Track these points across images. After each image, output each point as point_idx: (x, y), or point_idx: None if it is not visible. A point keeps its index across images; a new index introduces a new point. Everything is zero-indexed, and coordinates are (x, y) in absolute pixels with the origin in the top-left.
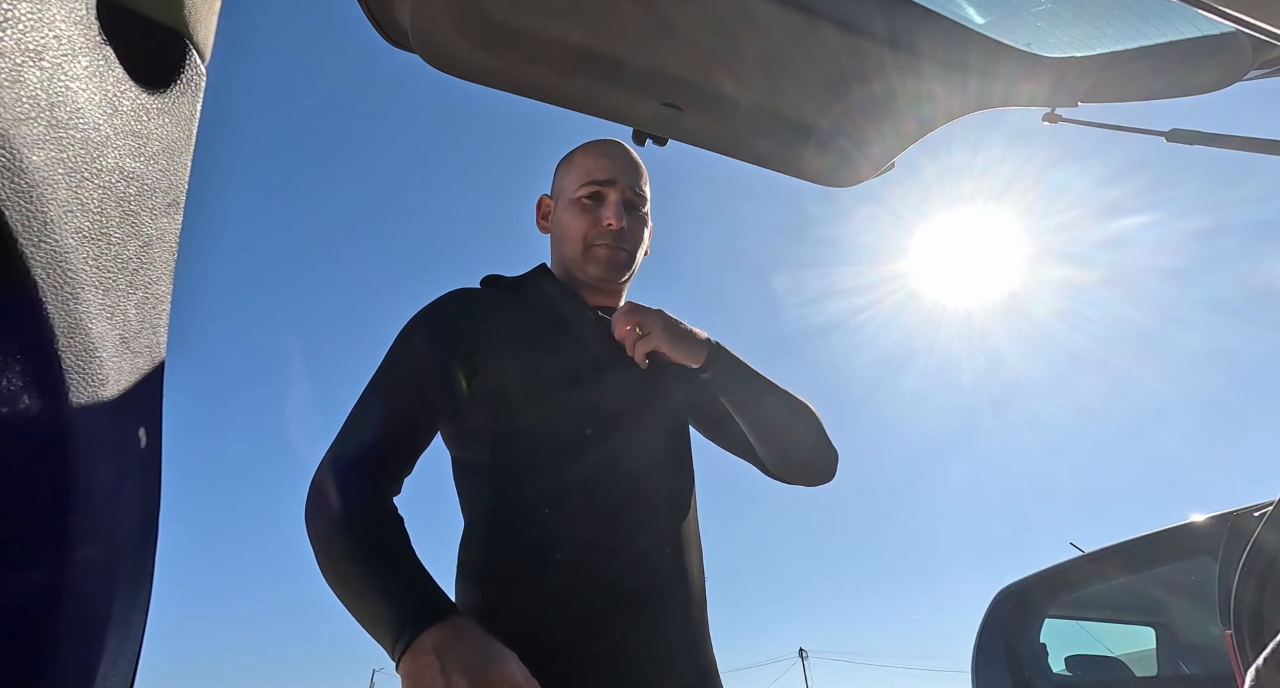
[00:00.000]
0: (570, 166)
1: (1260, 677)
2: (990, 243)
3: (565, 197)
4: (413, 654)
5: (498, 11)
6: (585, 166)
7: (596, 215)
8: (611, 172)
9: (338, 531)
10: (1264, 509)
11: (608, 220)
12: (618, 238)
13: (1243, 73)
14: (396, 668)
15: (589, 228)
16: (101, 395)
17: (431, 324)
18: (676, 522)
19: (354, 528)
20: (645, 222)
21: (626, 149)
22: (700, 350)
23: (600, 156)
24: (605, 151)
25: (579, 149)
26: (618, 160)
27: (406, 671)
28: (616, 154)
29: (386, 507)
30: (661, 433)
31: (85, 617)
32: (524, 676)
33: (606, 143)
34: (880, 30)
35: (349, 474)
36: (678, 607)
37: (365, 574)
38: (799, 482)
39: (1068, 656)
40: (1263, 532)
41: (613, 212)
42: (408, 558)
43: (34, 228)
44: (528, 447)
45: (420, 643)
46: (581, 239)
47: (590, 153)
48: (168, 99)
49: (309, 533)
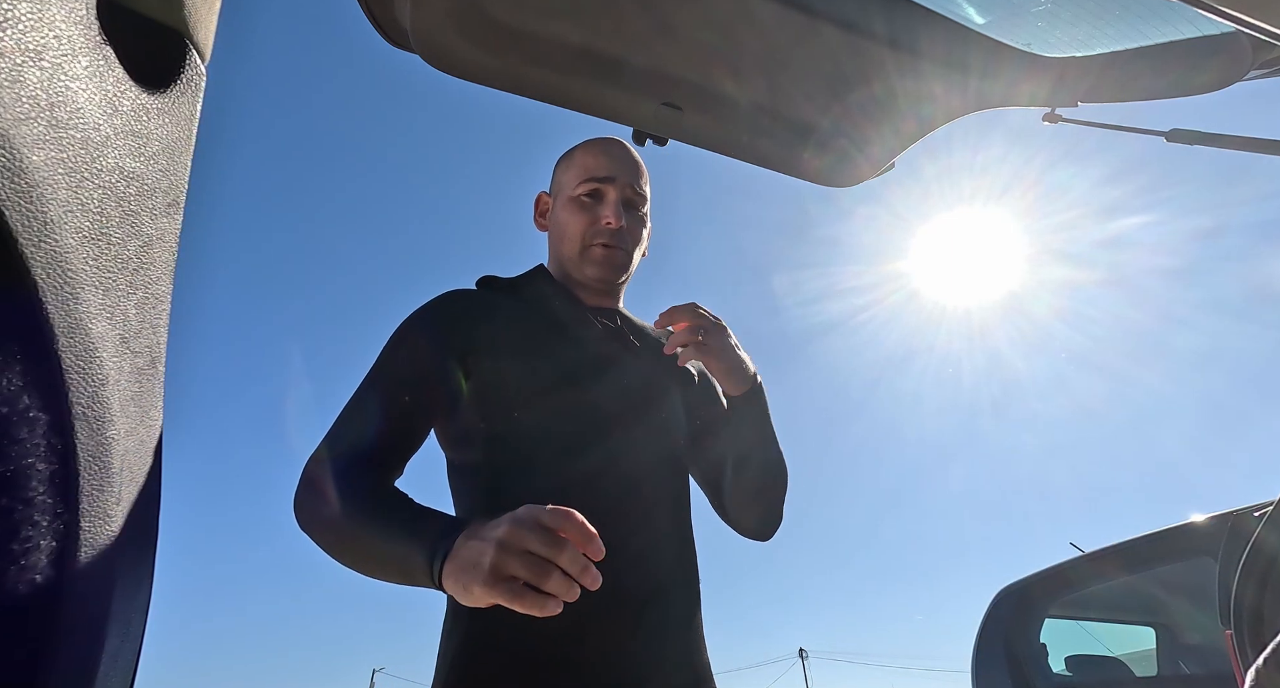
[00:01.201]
0: (570, 164)
1: (1260, 677)
2: (990, 243)
3: (564, 194)
4: (453, 558)
5: (498, 11)
6: (585, 164)
7: (595, 214)
8: (611, 169)
9: (343, 504)
10: (1264, 509)
11: (606, 219)
12: (616, 237)
13: (1243, 73)
14: (444, 587)
15: (587, 226)
16: (101, 395)
17: (427, 324)
18: (674, 523)
19: (358, 497)
20: (644, 222)
21: (627, 147)
22: (745, 384)
23: (600, 154)
24: (606, 149)
25: (579, 146)
26: (618, 158)
27: (456, 571)
28: (617, 152)
29: (385, 483)
30: (659, 434)
31: (85, 617)
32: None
33: (607, 141)
34: (880, 30)
35: (342, 465)
36: (674, 608)
37: (379, 527)
38: (744, 526)
39: (1068, 656)
40: (1263, 532)
41: (611, 210)
42: (411, 504)
43: (34, 228)
44: (524, 448)
45: (455, 548)
46: (580, 238)
47: (590, 150)
48: (168, 99)
49: (307, 518)
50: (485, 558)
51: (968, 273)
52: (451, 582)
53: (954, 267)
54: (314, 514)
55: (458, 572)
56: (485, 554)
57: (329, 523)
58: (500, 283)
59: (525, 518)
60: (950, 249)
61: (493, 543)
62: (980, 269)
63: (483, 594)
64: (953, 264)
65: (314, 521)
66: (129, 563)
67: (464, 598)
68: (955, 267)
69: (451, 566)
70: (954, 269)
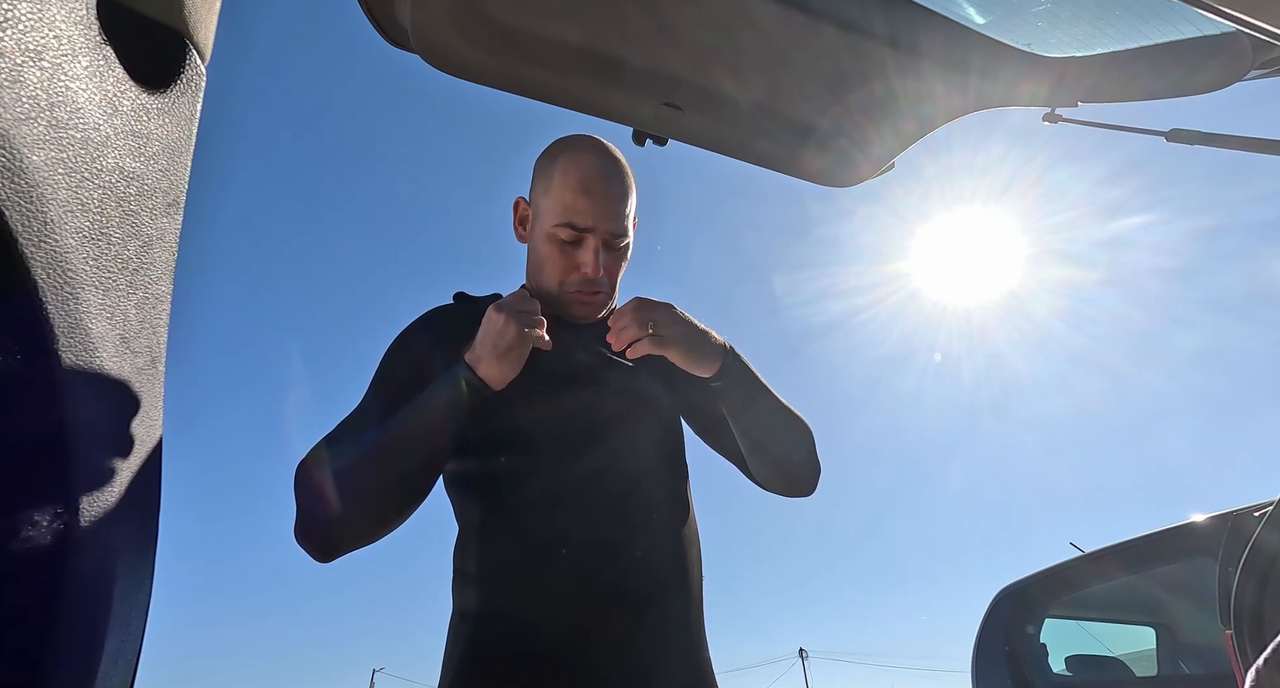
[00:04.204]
0: (549, 187)
1: (1260, 677)
2: (990, 243)
3: (543, 223)
4: (472, 354)
5: (498, 11)
6: (564, 203)
7: (574, 260)
8: (591, 218)
9: (352, 448)
10: (1264, 509)
11: (585, 269)
12: (595, 283)
13: (1243, 73)
14: (480, 381)
15: (565, 273)
16: (101, 395)
17: (420, 335)
18: (673, 522)
19: (364, 438)
20: (625, 254)
21: (610, 175)
22: (714, 362)
23: (581, 194)
24: (587, 187)
25: (559, 167)
26: (599, 200)
27: (483, 355)
28: (599, 189)
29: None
30: (655, 434)
31: (85, 617)
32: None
33: (588, 167)
34: (880, 30)
35: (339, 450)
36: (675, 608)
37: (395, 420)
38: (779, 492)
39: (1068, 656)
40: (1263, 532)
41: (590, 262)
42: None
43: (34, 228)
44: (521, 451)
45: (470, 354)
46: (558, 282)
47: (570, 184)
48: (168, 99)
49: (315, 489)
50: (497, 323)
51: (968, 273)
52: (485, 364)
53: (954, 267)
54: (324, 479)
55: (485, 352)
56: (494, 322)
57: (347, 468)
58: (485, 300)
59: (501, 304)
60: (950, 249)
61: (493, 316)
62: (980, 269)
63: (514, 339)
64: (953, 264)
65: (327, 482)
66: (129, 563)
67: (500, 362)
68: (955, 267)
69: (476, 354)
70: (954, 269)
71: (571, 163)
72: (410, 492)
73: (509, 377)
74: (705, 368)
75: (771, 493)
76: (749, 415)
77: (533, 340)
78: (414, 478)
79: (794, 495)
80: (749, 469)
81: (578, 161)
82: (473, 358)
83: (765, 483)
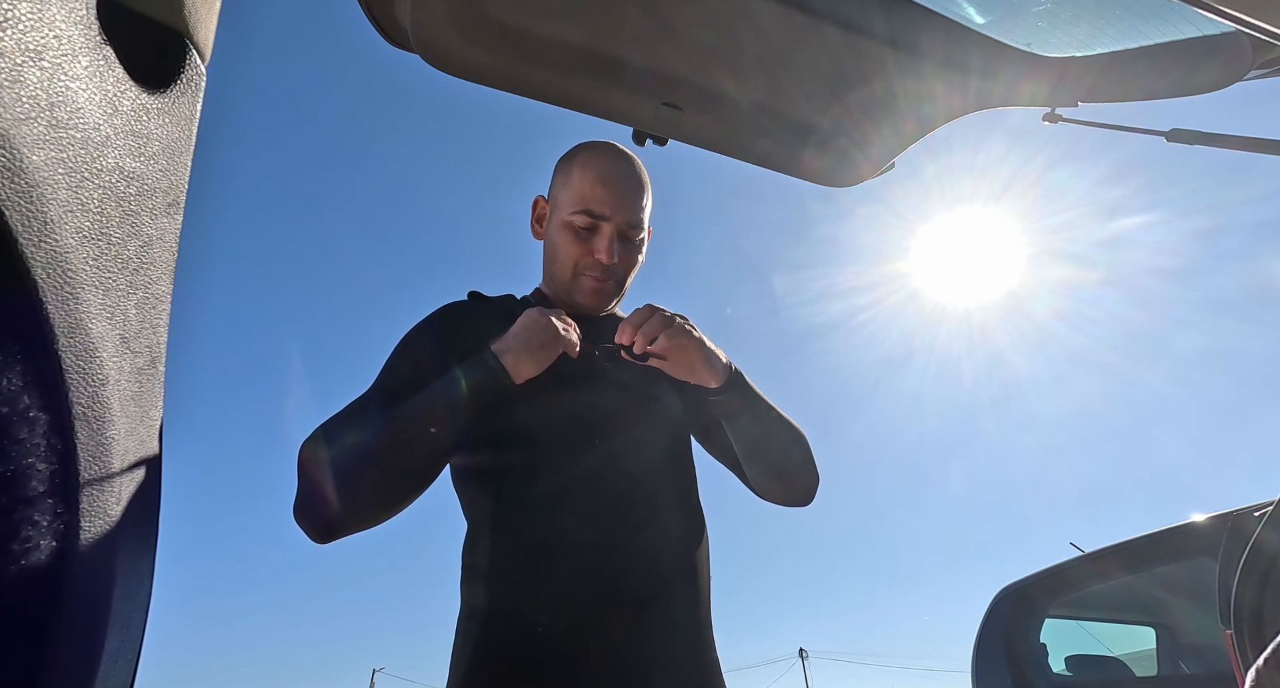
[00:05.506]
0: (568, 180)
1: (1260, 677)
2: (990, 243)
3: (560, 214)
4: (503, 345)
5: (498, 11)
6: (583, 193)
7: (589, 245)
8: (609, 206)
9: (361, 433)
10: (1264, 509)
11: (599, 254)
12: (607, 271)
13: (1243, 73)
14: (503, 369)
15: (580, 257)
16: (101, 395)
17: (429, 332)
18: (680, 520)
19: (371, 422)
20: (639, 248)
21: (628, 171)
22: (717, 377)
23: (599, 183)
24: (606, 178)
25: (579, 160)
26: (617, 189)
27: (516, 346)
28: (616, 181)
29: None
30: (661, 432)
31: (85, 617)
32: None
33: (607, 161)
34: (880, 30)
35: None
36: (681, 606)
37: (411, 402)
38: (778, 500)
39: (1068, 656)
40: (1263, 532)
41: (605, 248)
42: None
43: (34, 228)
44: (528, 449)
45: (500, 343)
46: (571, 266)
47: (589, 175)
48: (168, 99)
49: (319, 474)
50: (538, 320)
51: (968, 273)
52: (513, 356)
53: (954, 267)
54: (328, 460)
55: (517, 344)
56: (533, 319)
57: (354, 448)
58: (498, 300)
59: (541, 309)
60: (950, 249)
61: (532, 314)
62: (980, 269)
63: (550, 338)
64: (953, 264)
65: (330, 462)
66: (129, 563)
67: (529, 356)
68: (955, 267)
69: (507, 345)
70: (954, 269)
71: (592, 157)
72: (414, 477)
73: (531, 373)
74: (707, 382)
75: (770, 502)
76: (746, 418)
77: (564, 345)
78: (420, 463)
79: (792, 503)
80: (746, 476)
81: (598, 156)
82: (501, 348)
83: (763, 490)
